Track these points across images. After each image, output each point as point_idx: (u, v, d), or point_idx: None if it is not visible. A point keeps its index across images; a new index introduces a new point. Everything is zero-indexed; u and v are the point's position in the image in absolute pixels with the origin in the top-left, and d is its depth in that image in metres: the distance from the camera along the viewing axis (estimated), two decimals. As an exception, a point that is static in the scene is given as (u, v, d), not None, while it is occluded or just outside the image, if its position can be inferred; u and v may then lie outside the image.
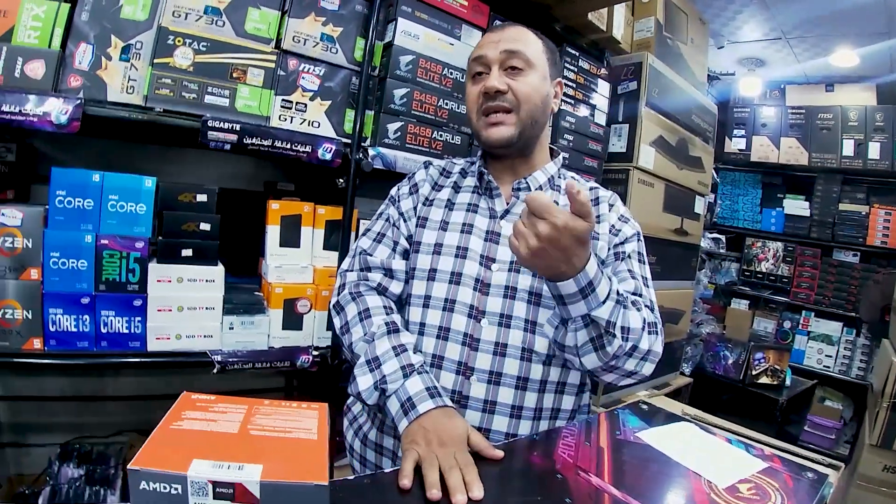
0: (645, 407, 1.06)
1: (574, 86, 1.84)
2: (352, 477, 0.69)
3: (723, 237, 3.69)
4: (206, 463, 0.40)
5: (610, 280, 0.79)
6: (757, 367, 2.93)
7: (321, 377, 1.40)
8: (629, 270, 0.94)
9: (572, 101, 1.84)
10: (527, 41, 0.96)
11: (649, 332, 0.85)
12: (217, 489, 0.39)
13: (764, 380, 2.93)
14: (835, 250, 3.47)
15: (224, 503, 0.39)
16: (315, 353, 1.32)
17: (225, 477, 0.39)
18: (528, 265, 0.75)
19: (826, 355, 3.37)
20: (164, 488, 0.39)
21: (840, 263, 3.41)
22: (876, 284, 2.94)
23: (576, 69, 1.84)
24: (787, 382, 3.01)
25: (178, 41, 1.13)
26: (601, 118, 1.97)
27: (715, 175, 3.75)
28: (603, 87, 1.96)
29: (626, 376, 0.87)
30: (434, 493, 0.63)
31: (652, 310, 0.90)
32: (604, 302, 0.76)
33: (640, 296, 0.90)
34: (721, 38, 3.26)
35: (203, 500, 0.39)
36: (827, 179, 3.48)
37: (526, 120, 0.94)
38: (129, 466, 0.39)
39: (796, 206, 3.63)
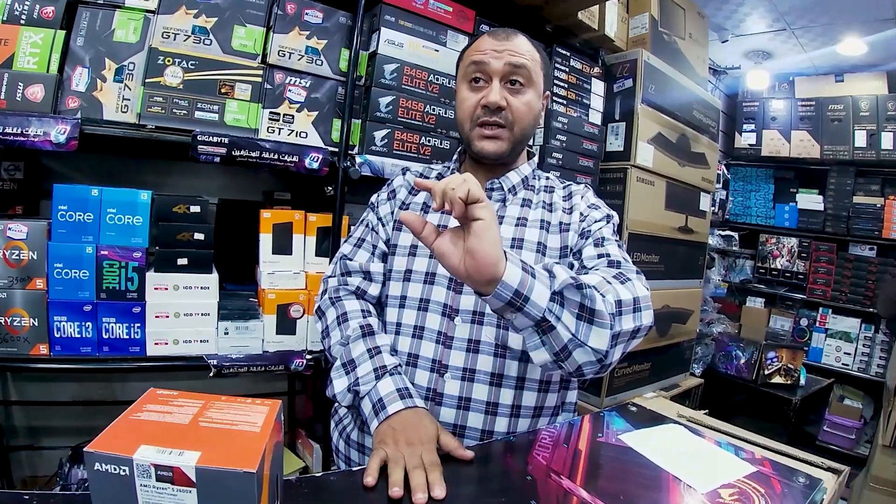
0: (633, 409, 1.05)
1: (566, 86, 1.84)
2: (319, 474, 0.71)
3: (735, 234, 3.61)
4: (151, 448, 0.44)
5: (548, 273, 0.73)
6: (770, 367, 2.87)
7: (322, 380, 1.42)
8: (594, 238, 0.93)
9: (564, 102, 1.83)
10: (531, 56, 0.96)
11: (622, 282, 0.80)
12: (159, 472, 0.43)
13: (777, 379, 2.87)
14: (850, 244, 3.36)
15: (165, 485, 0.42)
16: (309, 356, 1.34)
17: (165, 461, 0.43)
18: (464, 268, 0.69)
19: (845, 353, 3.27)
20: (114, 469, 0.44)
21: (856, 258, 3.31)
22: (893, 279, 2.85)
23: (567, 69, 1.84)
24: (802, 382, 2.93)
25: (168, 61, 1.18)
26: (596, 117, 1.95)
27: (726, 171, 3.68)
28: (597, 86, 1.95)
29: (633, 336, 0.79)
30: (395, 490, 0.64)
31: (616, 265, 0.86)
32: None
33: (607, 256, 0.88)
34: (725, 32, 3.21)
35: (147, 481, 0.43)
36: (840, 172, 3.38)
37: (518, 136, 0.97)
38: (85, 449, 0.44)
39: (810, 200, 3.54)
